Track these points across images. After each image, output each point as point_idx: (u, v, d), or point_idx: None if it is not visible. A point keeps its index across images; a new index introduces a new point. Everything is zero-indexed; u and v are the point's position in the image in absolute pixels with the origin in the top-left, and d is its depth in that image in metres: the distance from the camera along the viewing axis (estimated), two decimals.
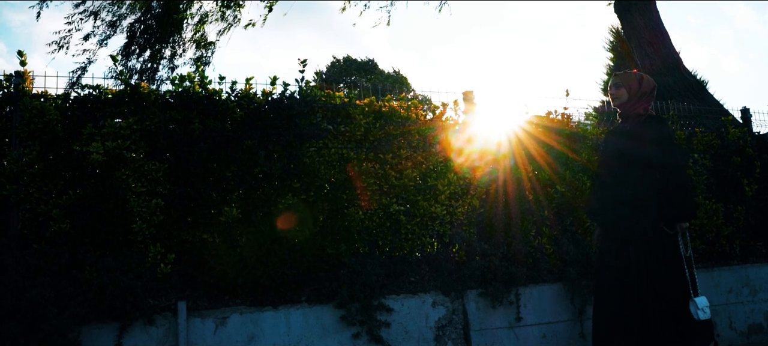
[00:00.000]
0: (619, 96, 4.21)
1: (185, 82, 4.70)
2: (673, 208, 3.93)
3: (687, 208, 3.98)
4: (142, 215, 4.31)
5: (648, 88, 4.22)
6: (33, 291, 3.82)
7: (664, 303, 3.95)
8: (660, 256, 3.97)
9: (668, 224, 3.98)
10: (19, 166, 4.21)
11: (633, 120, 4.19)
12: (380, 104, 5.17)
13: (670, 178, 3.95)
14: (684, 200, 3.95)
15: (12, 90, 4.42)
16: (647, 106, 4.20)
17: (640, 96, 4.18)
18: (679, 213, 3.95)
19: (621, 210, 4.10)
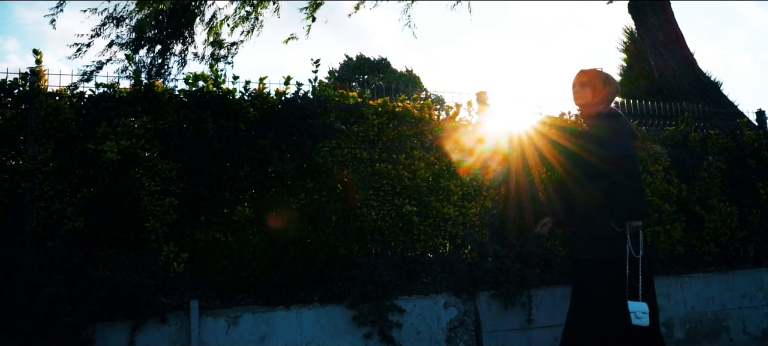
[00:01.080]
0: (583, 95, 4.04)
1: (199, 81, 4.71)
2: (620, 206, 3.75)
3: (634, 206, 3.80)
4: (156, 213, 4.32)
5: (612, 89, 4.08)
6: (47, 289, 3.84)
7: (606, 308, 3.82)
8: (607, 257, 3.81)
9: (617, 223, 3.79)
10: (34, 165, 4.23)
11: (593, 119, 4.06)
12: (393, 104, 5.16)
13: (617, 175, 3.77)
14: (631, 198, 3.77)
15: (27, 88, 4.44)
16: (608, 105, 4.08)
17: (604, 96, 4.03)
18: (625, 212, 3.76)
19: (580, 213, 3.98)
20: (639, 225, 3.79)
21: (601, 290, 3.82)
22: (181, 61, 10.82)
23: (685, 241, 5.94)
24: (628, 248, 3.75)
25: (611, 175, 3.78)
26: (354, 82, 32.42)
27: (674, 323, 5.53)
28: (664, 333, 5.37)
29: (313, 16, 10.98)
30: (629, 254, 3.74)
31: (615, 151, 3.79)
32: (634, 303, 3.70)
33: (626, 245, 3.75)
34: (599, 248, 3.82)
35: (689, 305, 5.63)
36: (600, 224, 3.80)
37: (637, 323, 3.64)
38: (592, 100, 4.01)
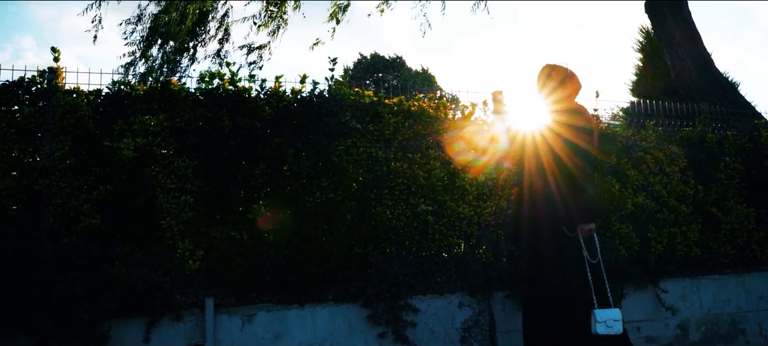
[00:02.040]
0: (549, 89, 4.07)
1: (215, 79, 4.72)
2: (571, 209, 3.72)
3: (586, 208, 3.73)
4: (172, 211, 4.33)
5: (577, 84, 4.08)
6: (64, 285, 3.86)
7: (567, 314, 3.78)
8: (560, 262, 3.79)
9: (569, 226, 3.75)
10: (52, 162, 4.26)
11: (557, 114, 4.04)
12: (409, 104, 5.15)
13: (570, 176, 3.76)
14: (583, 200, 3.72)
15: (45, 86, 4.47)
16: (573, 100, 4.06)
17: (569, 91, 4.03)
18: (576, 214, 3.72)
19: (537, 213, 4.01)
20: (592, 228, 3.71)
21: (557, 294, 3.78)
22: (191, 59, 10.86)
23: (701, 242, 5.90)
24: (584, 253, 3.67)
25: (565, 175, 3.78)
26: (368, 81, 32.45)
27: (690, 325, 5.49)
28: (680, 335, 5.36)
29: (338, 18, 10.99)
30: (586, 259, 3.67)
31: (572, 150, 3.78)
32: (604, 311, 3.61)
33: (581, 250, 3.67)
34: (555, 251, 3.79)
35: (705, 307, 5.59)
36: (555, 227, 3.79)
37: (606, 332, 3.54)
38: (559, 95, 4.01)
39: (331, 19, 11.07)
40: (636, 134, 6.03)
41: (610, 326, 3.54)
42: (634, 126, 6.40)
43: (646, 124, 6.25)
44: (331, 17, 11.06)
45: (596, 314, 3.58)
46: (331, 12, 11.03)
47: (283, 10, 10.75)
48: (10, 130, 4.34)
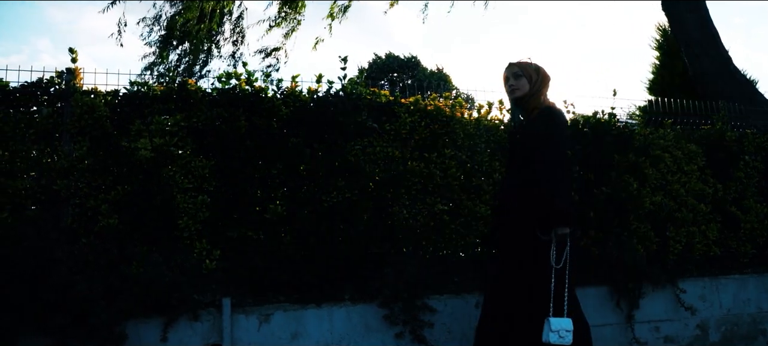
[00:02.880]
0: (520, 87, 3.84)
1: (231, 79, 4.73)
2: (544, 211, 3.52)
3: (559, 211, 3.50)
4: (189, 211, 4.34)
5: (546, 78, 3.90)
6: (82, 285, 3.87)
7: (524, 322, 3.64)
8: (527, 266, 3.64)
9: (541, 228, 3.56)
10: (70, 162, 4.28)
11: (530, 113, 3.85)
12: (425, 103, 5.14)
13: (544, 176, 3.55)
14: (556, 201, 3.50)
15: (63, 86, 4.50)
16: (545, 97, 3.90)
17: (540, 86, 3.86)
18: (550, 217, 3.51)
19: (506, 212, 3.83)
20: (566, 232, 3.52)
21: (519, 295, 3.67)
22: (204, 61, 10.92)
23: (720, 242, 5.85)
24: (551, 256, 3.51)
25: (540, 176, 3.59)
26: (383, 81, 32.45)
27: (709, 325, 5.44)
28: (699, 336, 5.31)
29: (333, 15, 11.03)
30: (551, 263, 3.51)
31: (547, 151, 3.60)
32: (558, 320, 3.45)
33: (550, 253, 3.51)
34: (524, 252, 3.65)
35: (725, 308, 5.54)
36: (526, 229, 3.62)
37: (558, 342, 3.38)
38: (530, 91, 3.84)
39: (329, 16, 11.12)
40: (654, 133, 5.98)
41: (562, 336, 3.39)
42: (652, 124, 6.34)
43: (664, 122, 6.20)
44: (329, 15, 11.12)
45: (550, 323, 3.42)
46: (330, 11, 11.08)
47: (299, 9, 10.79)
48: (29, 130, 4.37)
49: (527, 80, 3.83)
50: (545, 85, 3.90)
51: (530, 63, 3.90)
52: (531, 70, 3.85)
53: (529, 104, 3.85)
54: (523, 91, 3.84)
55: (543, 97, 3.87)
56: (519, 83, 3.85)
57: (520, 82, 3.84)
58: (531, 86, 3.83)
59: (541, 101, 3.84)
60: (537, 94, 3.84)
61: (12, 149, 4.30)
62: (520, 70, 3.85)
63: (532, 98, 3.84)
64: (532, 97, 3.84)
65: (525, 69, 3.85)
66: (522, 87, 3.84)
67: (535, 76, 3.85)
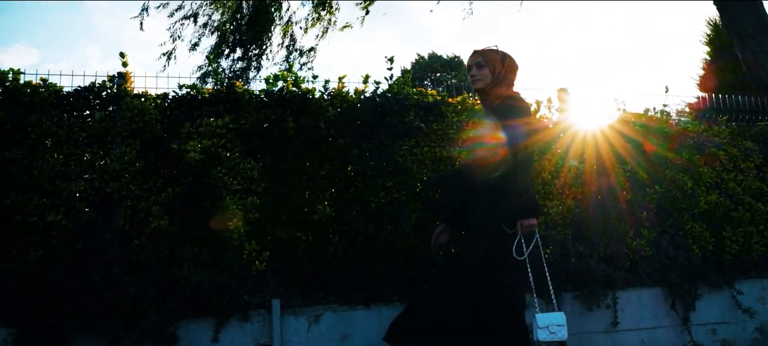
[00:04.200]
0: (482, 77, 3.67)
1: (279, 81, 4.74)
2: (510, 204, 3.37)
3: (523, 203, 3.36)
4: (238, 212, 4.36)
5: (512, 67, 3.72)
6: (134, 286, 3.93)
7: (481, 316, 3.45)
8: (490, 262, 3.46)
9: (507, 222, 3.41)
10: (121, 165, 4.33)
11: (491, 104, 3.67)
12: (473, 102, 5.08)
13: (508, 168, 3.41)
14: (521, 194, 3.36)
15: (114, 90, 4.56)
16: (510, 87, 3.71)
17: (504, 76, 3.67)
18: (517, 210, 3.36)
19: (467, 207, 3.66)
20: (534, 224, 3.39)
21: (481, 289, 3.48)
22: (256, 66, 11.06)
23: None
24: (514, 248, 3.38)
25: (501, 168, 3.45)
26: (427, 81, 32.36)
27: None
28: (758, 339, 5.16)
29: (367, 8, 11.03)
30: (513, 254, 3.39)
31: (508, 142, 3.44)
32: (546, 316, 3.36)
33: (513, 246, 3.38)
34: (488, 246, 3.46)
35: None
36: (492, 224, 3.46)
37: (550, 339, 3.28)
38: (492, 81, 3.67)
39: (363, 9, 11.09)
40: (708, 130, 5.83)
41: (553, 332, 3.30)
42: (705, 121, 6.18)
43: (719, 119, 6.04)
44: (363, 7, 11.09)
45: (537, 320, 3.32)
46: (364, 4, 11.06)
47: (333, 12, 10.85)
48: (82, 134, 4.45)
49: (490, 70, 3.65)
50: (511, 75, 3.72)
51: (496, 51, 3.71)
52: (495, 60, 3.66)
53: (491, 95, 3.68)
54: (485, 81, 3.68)
55: (506, 87, 3.68)
56: (481, 73, 3.68)
57: (483, 71, 3.67)
58: (494, 77, 3.66)
59: (503, 92, 3.66)
60: (500, 85, 3.66)
61: (66, 153, 4.38)
62: (483, 59, 3.68)
63: (494, 88, 3.67)
64: (494, 87, 3.67)
65: (488, 58, 3.67)
66: (484, 77, 3.67)
67: (499, 66, 3.66)
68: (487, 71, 3.65)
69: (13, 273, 3.95)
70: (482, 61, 3.67)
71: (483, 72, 3.66)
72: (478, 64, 3.68)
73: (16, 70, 4.43)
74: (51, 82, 4.49)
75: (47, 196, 4.26)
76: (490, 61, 3.65)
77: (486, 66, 3.65)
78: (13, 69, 4.42)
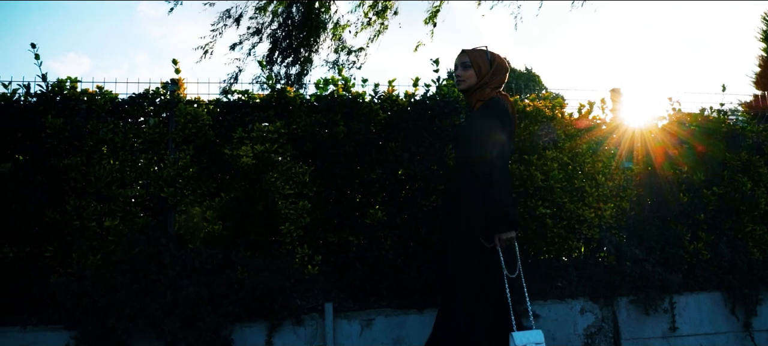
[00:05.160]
0: (466, 79, 3.52)
1: (329, 85, 4.75)
2: (485, 216, 3.18)
3: (499, 216, 3.15)
4: (290, 217, 4.38)
5: (500, 68, 3.55)
6: (189, 289, 3.97)
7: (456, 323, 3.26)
8: (469, 274, 3.29)
9: (484, 235, 3.23)
10: (175, 170, 4.39)
11: (474, 106, 3.53)
12: (524, 104, 5.02)
13: (483, 178, 3.19)
14: (496, 205, 3.15)
15: (168, 97, 4.62)
16: (497, 89, 3.54)
17: (490, 78, 3.50)
18: (492, 224, 3.16)
19: (449, 214, 3.52)
20: (512, 236, 3.19)
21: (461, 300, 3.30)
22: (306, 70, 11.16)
23: None
24: (502, 265, 3.20)
25: (475, 178, 3.26)
26: None
27: None
28: None
29: (434, 20, 10.96)
30: (504, 273, 3.21)
31: (482, 147, 3.25)
32: (523, 334, 3.11)
33: (498, 261, 3.20)
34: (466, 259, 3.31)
35: None
36: (469, 237, 3.29)
37: None
38: (477, 83, 3.51)
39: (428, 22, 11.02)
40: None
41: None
42: (764, 120, 6.01)
43: None
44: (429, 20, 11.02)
45: (514, 338, 3.08)
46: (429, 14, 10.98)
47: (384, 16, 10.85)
48: (137, 140, 4.52)
49: (475, 72, 3.51)
50: (499, 78, 3.56)
51: (484, 52, 3.57)
52: (481, 61, 3.52)
53: (475, 96, 3.55)
54: (469, 83, 3.54)
55: (491, 89, 3.52)
56: (466, 74, 3.54)
57: (467, 72, 3.53)
58: (479, 78, 3.51)
59: (488, 93, 3.51)
60: (485, 87, 3.52)
61: (122, 159, 4.45)
62: (469, 60, 3.54)
63: (478, 90, 3.53)
64: (478, 89, 3.53)
65: (474, 59, 3.53)
66: (468, 79, 3.53)
67: (486, 67, 3.51)
68: (472, 72, 3.51)
69: (73, 277, 4.03)
70: (468, 62, 3.53)
71: (467, 73, 3.53)
72: (463, 64, 3.55)
73: (73, 79, 4.52)
74: (106, 90, 4.58)
75: (104, 201, 4.34)
76: (476, 62, 3.52)
77: (471, 67, 3.52)
78: (70, 77, 4.52)
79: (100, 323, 3.88)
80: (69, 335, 3.94)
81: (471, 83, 3.52)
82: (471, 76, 3.51)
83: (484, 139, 3.26)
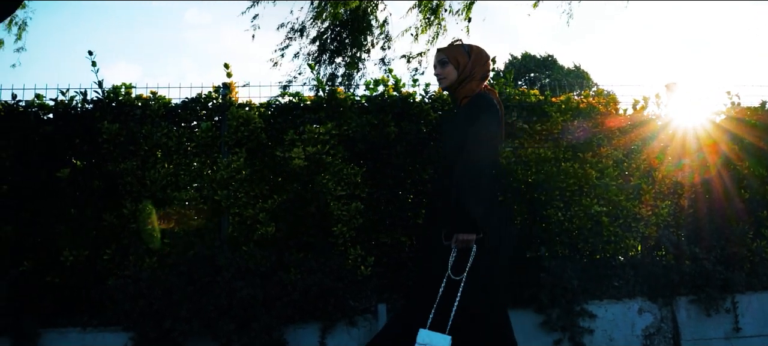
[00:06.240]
0: (446, 76, 3.36)
1: (379, 85, 4.74)
2: (451, 215, 3.01)
3: (463, 217, 2.94)
4: (343, 218, 4.37)
5: (480, 60, 3.37)
6: (244, 291, 3.99)
7: None
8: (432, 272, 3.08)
9: (445, 232, 3.05)
10: (228, 173, 4.42)
11: (460, 103, 3.36)
12: (578, 101, 4.94)
13: (458, 173, 3.03)
14: (464, 204, 2.94)
15: (220, 100, 4.67)
16: (481, 83, 3.36)
17: (470, 71, 3.32)
18: (453, 221, 2.98)
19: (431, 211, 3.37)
20: (469, 239, 2.96)
21: None
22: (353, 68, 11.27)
23: None
24: (449, 263, 2.98)
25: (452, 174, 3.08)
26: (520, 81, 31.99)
27: None
28: None
29: (468, 16, 10.87)
30: (448, 272, 2.98)
31: (466, 146, 3.06)
32: (429, 334, 2.87)
33: (449, 259, 2.99)
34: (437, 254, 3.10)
35: None
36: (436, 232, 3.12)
37: None
38: (459, 78, 3.34)
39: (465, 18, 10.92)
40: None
41: None
42: None
43: None
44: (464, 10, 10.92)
45: (419, 334, 2.88)
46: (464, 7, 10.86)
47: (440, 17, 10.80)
48: (190, 144, 4.58)
49: (454, 66, 3.35)
50: (480, 69, 3.40)
51: (461, 46, 3.41)
52: (459, 56, 3.36)
53: (459, 93, 3.38)
54: (450, 79, 3.37)
55: (477, 83, 3.36)
56: (445, 71, 3.38)
57: (446, 69, 3.37)
58: (459, 73, 3.35)
59: (474, 89, 3.34)
60: (468, 80, 3.35)
61: (176, 162, 4.51)
62: (446, 56, 3.38)
63: (461, 86, 3.36)
64: (461, 84, 3.36)
65: (452, 55, 3.37)
66: (448, 75, 3.37)
67: (464, 59, 3.35)
68: (450, 68, 3.36)
69: (130, 280, 4.09)
70: (445, 58, 3.39)
71: (446, 69, 3.37)
72: (441, 62, 3.41)
73: (127, 85, 4.60)
74: (160, 95, 4.64)
75: (159, 205, 4.40)
76: (454, 56, 3.37)
77: (449, 63, 3.37)
78: (125, 84, 4.59)
79: (156, 324, 3.94)
80: (127, 337, 4.00)
81: (452, 79, 3.37)
82: (451, 72, 3.37)
83: (472, 137, 3.10)
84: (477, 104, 3.21)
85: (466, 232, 2.95)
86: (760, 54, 72.49)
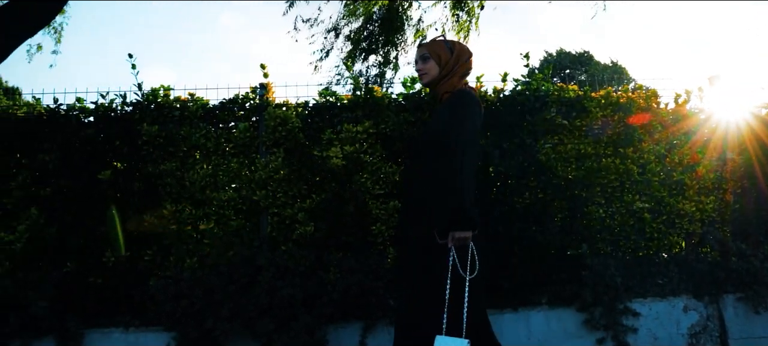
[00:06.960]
0: (428, 71, 3.29)
1: (416, 83, 4.71)
2: (441, 211, 2.88)
3: (457, 213, 2.84)
4: (381, 217, 4.36)
5: (462, 56, 3.31)
6: (284, 291, 4.00)
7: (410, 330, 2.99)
8: (423, 270, 3.00)
9: (439, 231, 2.92)
10: (267, 173, 4.43)
11: (441, 99, 3.29)
12: (618, 96, 4.85)
13: (441, 169, 2.94)
14: (453, 201, 2.84)
15: (257, 101, 4.68)
16: (463, 79, 3.31)
17: (452, 67, 3.25)
18: (449, 219, 2.85)
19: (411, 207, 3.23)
20: (467, 236, 2.87)
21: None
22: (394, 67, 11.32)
23: None
24: (450, 262, 2.88)
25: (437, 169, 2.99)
26: (556, 78, 31.74)
27: None
28: None
29: (482, 3, 10.77)
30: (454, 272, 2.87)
31: (447, 141, 2.97)
32: (446, 340, 2.75)
33: (449, 259, 2.88)
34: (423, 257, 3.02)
35: None
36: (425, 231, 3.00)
37: None
38: (440, 74, 3.27)
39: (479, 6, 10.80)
40: None
41: None
42: None
43: None
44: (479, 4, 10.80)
45: (437, 342, 2.76)
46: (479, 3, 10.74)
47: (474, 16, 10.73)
48: (229, 145, 4.59)
49: (436, 62, 3.29)
50: (462, 63, 3.32)
51: (443, 42, 3.35)
52: (440, 50, 3.30)
53: (440, 89, 3.32)
54: (432, 75, 3.31)
55: (459, 78, 3.31)
56: (426, 67, 3.32)
57: (428, 64, 3.31)
58: (441, 68, 3.29)
59: (455, 84, 3.29)
60: (451, 76, 3.30)
61: (214, 163, 4.53)
62: (428, 51, 3.32)
63: (442, 82, 3.31)
64: (442, 80, 3.31)
65: (433, 50, 3.31)
66: (429, 71, 3.31)
67: (445, 55, 3.28)
68: (432, 63, 3.30)
69: (171, 280, 4.12)
70: (426, 54, 3.32)
71: (428, 65, 3.32)
72: (423, 57, 3.35)
73: (166, 87, 4.63)
74: (198, 97, 4.66)
75: (199, 205, 4.42)
76: (435, 52, 3.31)
77: (431, 58, 3.31)
78: (163, 86, 4.62)
79: (197, 324, 3.95)
80: (169, 336, 4.03)
81: (434, 75, 3.32)
82: (432, 68, 3.31)
83: (455, 132, 3.01)
84: (460, 99, 3.15)
85: (463, 229, 2.88)
86: None
